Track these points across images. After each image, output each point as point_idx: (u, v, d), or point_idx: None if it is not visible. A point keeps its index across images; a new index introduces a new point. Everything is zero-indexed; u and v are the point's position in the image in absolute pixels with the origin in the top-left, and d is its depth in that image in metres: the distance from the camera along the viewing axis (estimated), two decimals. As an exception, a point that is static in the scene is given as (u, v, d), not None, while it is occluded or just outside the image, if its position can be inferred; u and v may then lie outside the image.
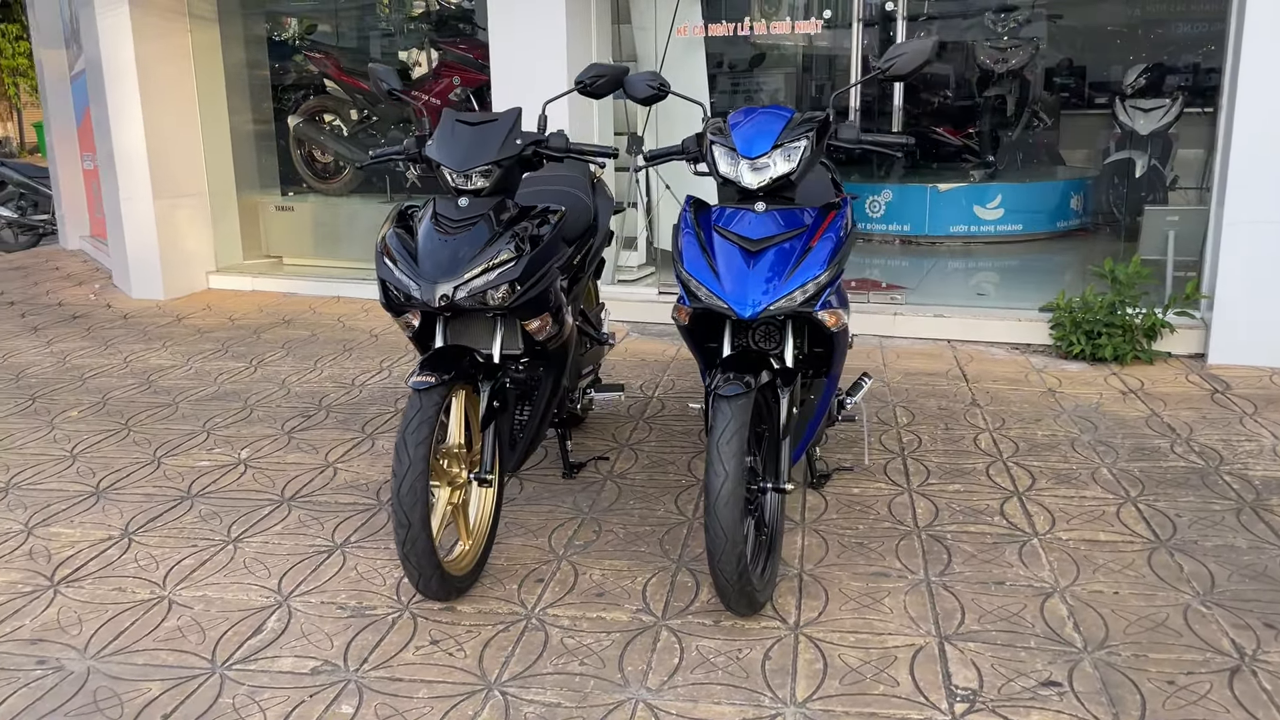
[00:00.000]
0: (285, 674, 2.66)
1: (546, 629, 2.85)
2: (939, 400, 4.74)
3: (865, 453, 4.05)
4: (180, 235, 7.32)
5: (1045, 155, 9.47)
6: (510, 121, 3.10)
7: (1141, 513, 3.50)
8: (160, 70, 7.02)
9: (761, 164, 2.90)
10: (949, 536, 3.36)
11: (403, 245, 2.93)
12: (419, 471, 2.68)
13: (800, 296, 2.78)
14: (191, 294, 7.45)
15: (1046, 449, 4.10)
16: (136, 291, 7.33)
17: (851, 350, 5.51)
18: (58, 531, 3.50)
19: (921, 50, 3.01)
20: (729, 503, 2.58)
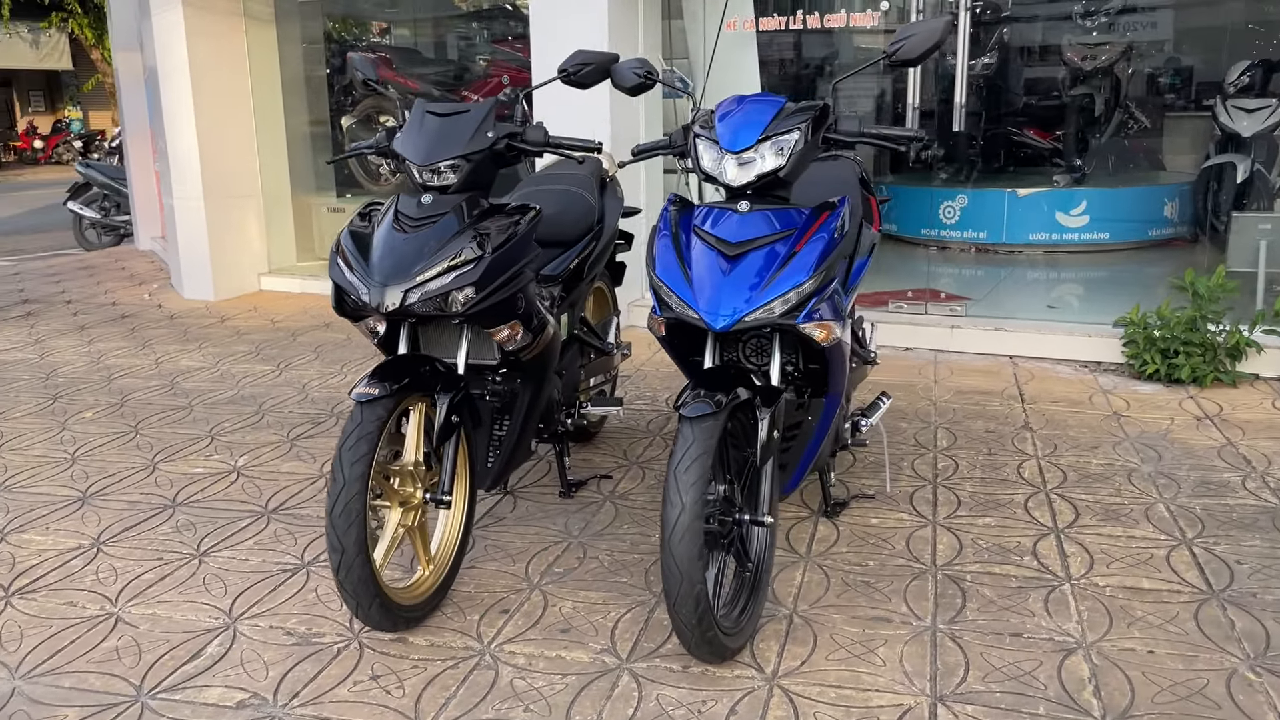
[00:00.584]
0: (208, 706, 2.46)
1: (499, 667, 2.60)
2: (987, 422, 4.35)
3: (888, 479, 3.69)
4: (232, 236, 7.29)
5: (1142, 159, 8.89)
6: (482, 113, 2.86)
7: (1196, 558, 3.09)
8: (214, 71, 7.00)
9: (747, 158, 2.60)
10: (968, 578, 3.00)
11: (357, 245, 2.72)
12: (354, 492, 2.46)
13: (780, 307, 2.47)
14: (242, 295, 7.43)
15: (1098, 480, 3.69)
16: (188, 292, 7.34)
17: (900, 365, 5.15)
18: (30, 539, 3.38)
19: (933, 31, 2.67)
20: (684, 538, 2.29)
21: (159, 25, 6.85)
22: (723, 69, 6.14)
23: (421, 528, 2.82)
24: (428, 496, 2.74)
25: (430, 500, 2.74)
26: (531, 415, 3.10)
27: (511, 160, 2.94)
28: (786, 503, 3.53)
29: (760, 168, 2.59)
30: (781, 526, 3.36)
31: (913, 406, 4.56)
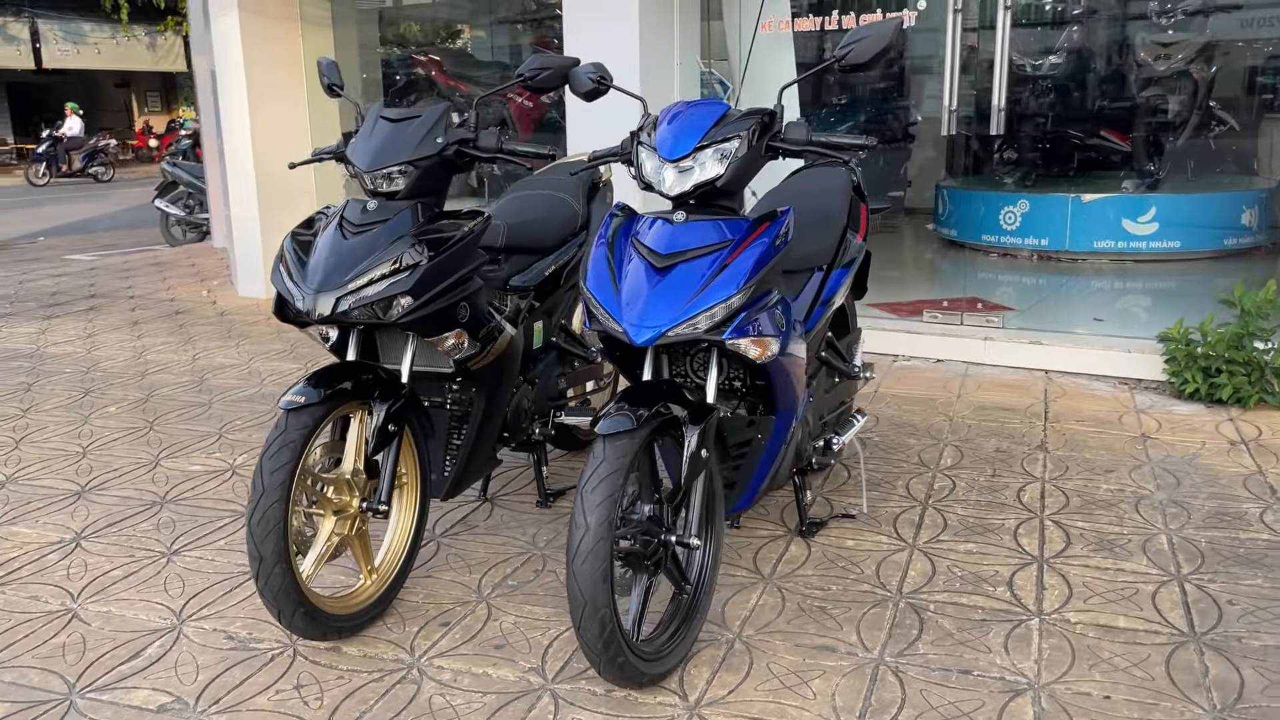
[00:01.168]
0: (130, 709, 2.48)
1: (423, 682, 2.56)
2: (1001, 441, 4.15)
3: (863, 500, 3.55)
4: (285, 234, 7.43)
5: (1230, 163, 8.44)
6: (433, 119, 2.82)
7: (1185, 596, 2.88)
8: (269, 73, 7.15)
9: (685, 166, 2.51)
10: (932, 608, 2.85)
11: (298, 251, 2.71)
12: (273, 500, 2.44)
13: (706, 322, 2.37)
14: (293, 293, 7.57)
15: (1102, 507, 3.48)
16: (242, 289, 7.51)
17: (926, 378, 4.96)
18: (18, 531, 3.48)
19: (883, 34, 2.54)
20: (587, 560, 2.21)
21: (217, 29, 7.03)
22: (760, 70, 6.00)
23: (362, 537, 2.80)
24: (364, 506, 2.72)
25: (366, 510, 2.72)
26: (487, 425, 3.06)
27: (464, 168, 2.90)
28: (762, 520, 3.42)
29: (698, 176, 2.50)
30: (751, 545, 3.25)
31: (926, 422, 4.39)
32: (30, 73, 27.09)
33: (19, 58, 25.71)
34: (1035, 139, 8.15)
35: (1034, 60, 8.06)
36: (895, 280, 6.94)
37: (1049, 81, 8.07)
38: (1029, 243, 7.51)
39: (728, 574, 3.07)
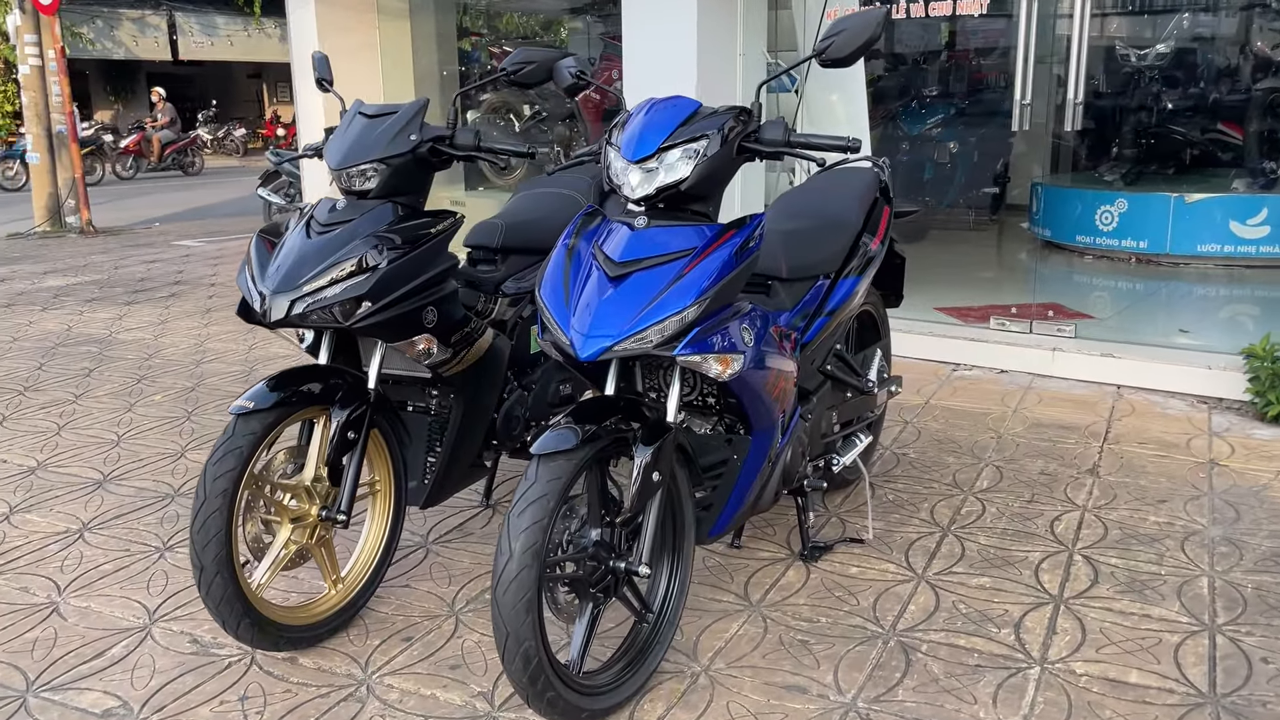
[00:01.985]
0: (77, 711, 2.46)
1: (368, 701, 2.47)
2: (1048, 463, 3.85)
3: (869, 524, 3.31)
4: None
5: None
6: (408, 115, 2.72)
7: (1214, 649, 2.59)
8: (344, 65, 7.16)
9: (650, 167, 2.34)
10: (924, 648, 2.63)
11: (262, 251, 2.64)
12: (215, 509, 2.38)
13: (655, 336, 2.20)
14: (365, 284, 7.63)
15: (1144, 542, 3.18)
16: (316, 279, 7.60)
17: (983, 390, 4.67)
18: (30, 519, 3.53)
19: (865, 25, 2.33)
20: (510, 589, 2.08)
21: (294, 21, 7.11)
22: (827, 62, 5.75)
23: (326, 545, 2.73)
24: (324, 514, 2.64)
25: (325, 518, 2.64)
26: (467, 433, 2.95)
27: (442, 165, 2.79)
28: (765, 541, 3.23)
29: (662, 179, 2.33)
30: (746, 569, 3.07)
31: (972, 439, 4.11)
32: (168, 64, 28.29)
33: (157, 49, 26.87)
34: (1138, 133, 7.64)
35: (1139, 50, 7.55)
36: (971, 282, 6.60)
37: (1155, 72, 7.55)
38: (1126, 245, 7.05)
39: (713, 599, 2.90)
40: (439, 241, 2.67)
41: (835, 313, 2.97)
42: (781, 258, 2.85)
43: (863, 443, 3.15)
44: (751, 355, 2.36)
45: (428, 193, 2.83)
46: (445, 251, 2.71)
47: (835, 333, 3.03)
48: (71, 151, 12.01)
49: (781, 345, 2.62)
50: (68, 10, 24.04)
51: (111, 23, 26.04)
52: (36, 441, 4.30)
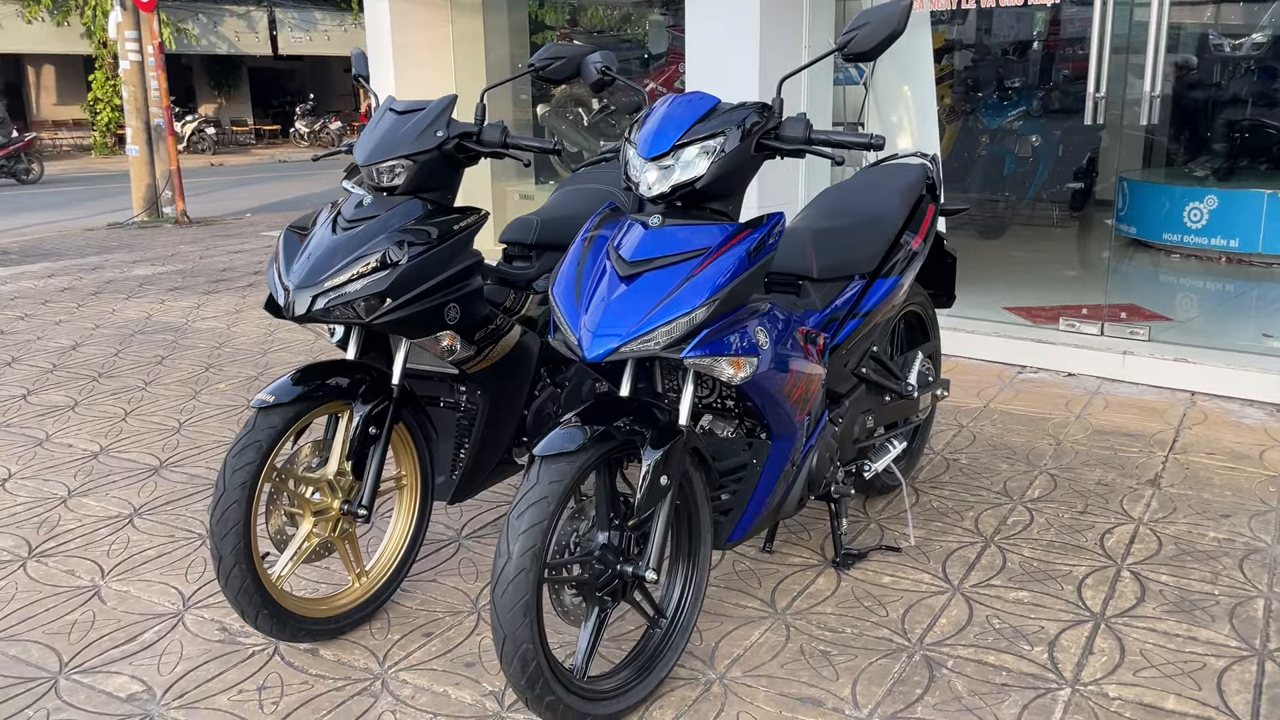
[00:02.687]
0: (100, 694, 2.52)
1: (381, 697, 2.48)
2: (1106, 472, 3.69)
3: (910, 532, 3.21)
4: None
5: None
6: (436, 111, 2.72)
7: (1262, 677, 2.45)
8: (417, 59, 7.28)
9: (666, 165, 2.30)
10: (950, 663, 2.54)
11: (290, 245, 2.67)
12: (233, 501, 2.42)
13: (663, 338, 2.16)
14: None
15: (1200, 559, 3.03)
16: (388, 271, 7.71)
17: (1047, 394, 4.51)
18: (85, 503, 3.64)
19: (889, 18, 2.24)
20: (508, 591, 2.06)
21: (370, 14, 7.21)
22: (895, 53, 5.61)
23: (350, 539, 2.75)
24: (345, 508, 2.66)
25: (347, 512, 2.66)
26: (493, 430, 2.94)
27: (469, 161, 2.79)
28: (800, 547, 3.16)
29: (678, 176, 2.28)
30: (776, 575, 3.01)
31: (1029, 445, 3.97)
32: (268, 59, 29.08)
33: (258, 44, 27.63)
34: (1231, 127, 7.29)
35: (1233, 39, 7.20)
36: (1046, 282, 6.38)
37: (1250, 63, 7.19)
38: (1215, 244, 6.75)
39: (737, 604, 2.85)
40: (462, 238, 2.67)
41: (870, 314, 2.88)
42: (813, 257, 2.77)
43: (896, 448, 3.06)
44: (767, 358, 2.30)
45: (457, 188, 2.82)
46: (469, 248, 2.70)
47: (871, 335, 2.94)
48: (168, 144, 12.41)
49: (807, 348, 2.55)
50: (174, 7, 24.91)
51: (215, 19, 26.84)
52: (102, 427, 4.44)
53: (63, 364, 5.49)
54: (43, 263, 9.13)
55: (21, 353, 5.74)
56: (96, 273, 8.39)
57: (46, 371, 5.35)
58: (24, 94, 26.37)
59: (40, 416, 4.61)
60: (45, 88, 26.85)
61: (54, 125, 26.56)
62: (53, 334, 6.19)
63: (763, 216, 2.33)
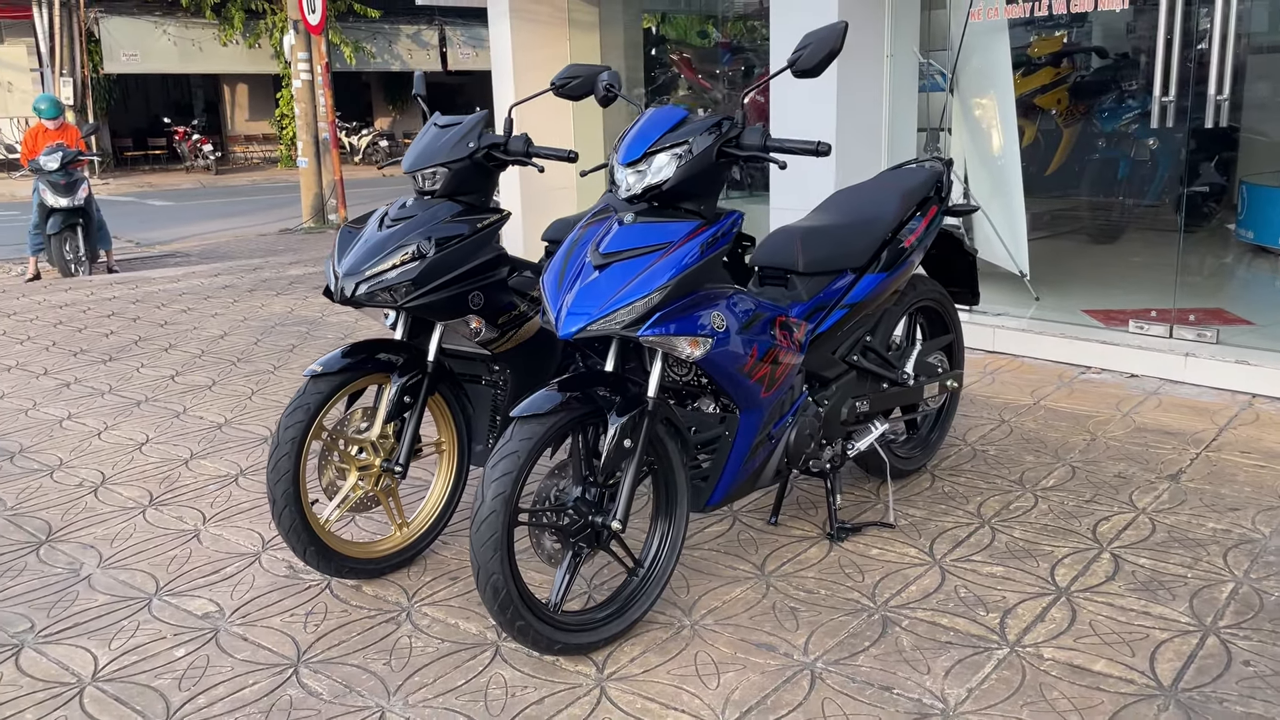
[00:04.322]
0: (184, 611, 3.03)
1: (402, 625, 2.91)
2: (1130, 465, 3.80)
3: (890, 511, 3.43)
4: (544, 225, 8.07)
5: None
6: (469, 125, 3.14)
7: (1199, 649, 2.60)
8: (536, 76, 7.78)
9: (640, 170, 2.64)
10: (904, 623, 2.78)
11: (345, 240, 3.13)
12: (284, 454, 2.89)
13: (625, 318, 2.50)
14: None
15: (1187, 546, 3.15)
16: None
17: (1104, 393, 4.60)
18: (202, 464, 4.24)
19: (828, 38, 2.53)
20: (481, 529, 2.45)
21: (493, 35, 7.77)
22: (974, 61, 5.75)
23: (392, 494, 3.19)
24: (384, 465, 3.11)
25: (386, 470, 3.11)
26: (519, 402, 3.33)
27: (499, 168, 3.19)
28: (803, 520, 3.43)
29: (649, 180, 2.62)
30: (773, 543, 3.29)
31: (1064, 439, 4.10)
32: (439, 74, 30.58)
33: (429, 61, 29.10)
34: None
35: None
36: (1137, 285, 6.34)
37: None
38: (1331, 247, 6.54)
39: (730, 566, 3.15)
40: (483, 235, 3.08)
41: (858, 306, 3.14)
42: (799, 253, 3.06)
43: (877, 430, 3.28)
44: (723, 339, 2.61)
45: (492, 191, 3.24)
46: (491, 244, 3.11)
47: (861, 325, 3.20)
48: (333, 156, 13.43)
49: (781, 334, 2.84)
50: (352, 27, 26.56)
51: (391, 38, 28.42)
52: (231, 403, 5.07)
53: (210, 350, 6.22)
54: (214, 263, 10.12)
55: (178, 340, 6.52)
56: (256, 272, 9.28)
57: (195, 356, 6.08)
58: (220, 110, 28.58)
59: (182, 393, 5.29)
60: (239, 105, 29.02)
61: (245, 139, 28.66)
62: (207, 325, 6.98)
63: (721, 213, 2.65)
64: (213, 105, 28.98)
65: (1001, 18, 5.46)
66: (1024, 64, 8.20)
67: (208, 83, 28.52)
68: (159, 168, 25.70)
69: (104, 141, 24.89)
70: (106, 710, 2.56)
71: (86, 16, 24.23)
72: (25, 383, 5.64)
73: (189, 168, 25.14)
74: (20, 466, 4.31)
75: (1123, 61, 8.43)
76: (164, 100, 28.32)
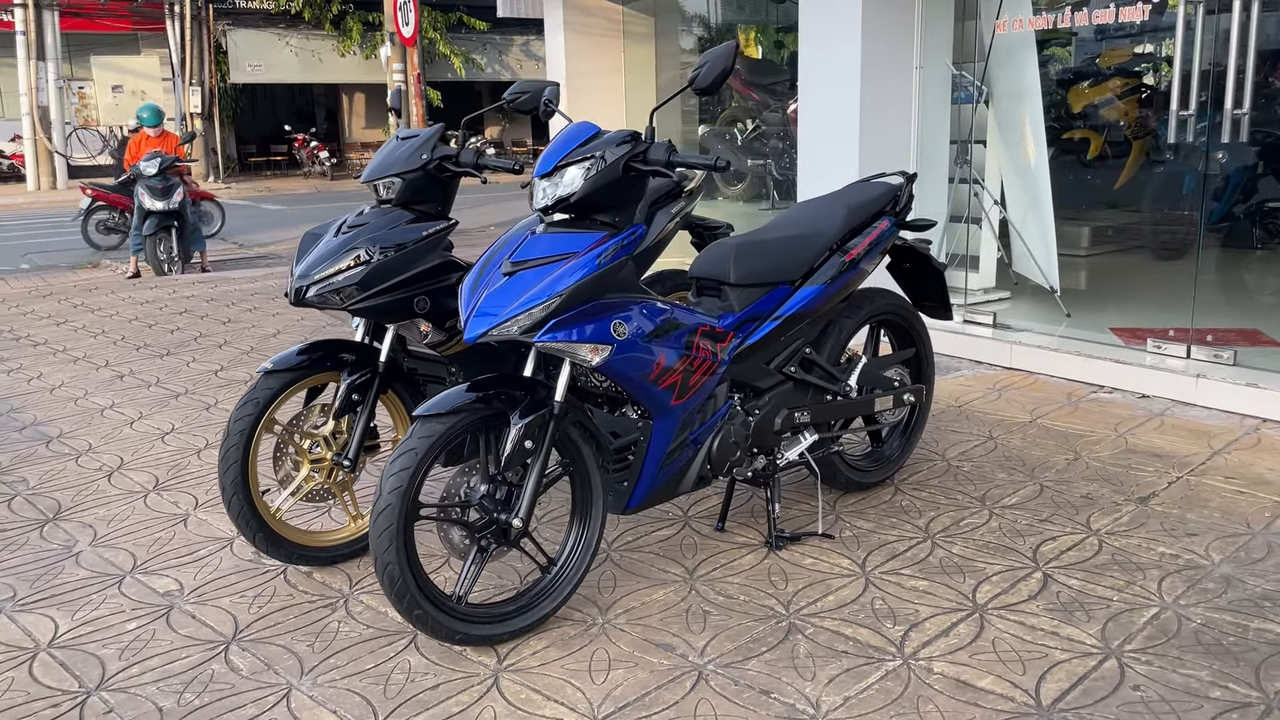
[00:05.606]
0: (147, 589, 3.26)
1: (337, 610, 3.07)
2: (1101, 486, 3.73)
3: (819, 522, 3.44)
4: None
5: None
6: (425, 138, 3.30)
7: (1094, 671, 2.57)
8: (590, 85, 7.95)
9: (553, 182, 2.75)
10: (808, 631, 2.82)
11: (305, 246, 3.32)
12: (233, 444, 3.09)
13: (524, 323, 2.61)
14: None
15: (1126, 570, 3.09)
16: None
17: (1105, 413, 4.51)
18: (213, 454, 4.48)
19: (720, 57, 2.60)
20: (378, 521, 2.58)
21: (549, 44, 7.98)
22: (1004, 73, 5.67)
23: (345, 487, 3.37)
24: (335, 459, 3.29)
25: (337, 463, 3.28)
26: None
27: (452, 179, 3.34)
28: (748, 529, 3.48)
29: (558, 192, 2.73)
30: (711, 548, 3.35)
31: (1042, 459, 4.03)
32: (548, 83, 31.20)
33: (538, 70, 29.70)
34: None
35: None
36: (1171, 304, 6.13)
37: None
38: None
39: (662, 569, 3.22)
40: (429, 242, 3.22)
41: (790, 318, 3.18)
42: (730, 265, 3.12)
43: (806, 441, 3.30)
44: (624, 347, 2.70)
45: (447, 202, 3.39)
46: (435, 251, 3.25)
47: (797, 336, 3.23)
48: (422, 163, 13.86)
49: (700, 343, 2.91)
50: (463, 39, 27.29)
51: (501, 49, 29.12)
52: (260, 398, 5.35)
53: (259, 348, 6.55)
54: (296, 266, 10.58)
55: (233, 338, 6.89)
56: (329, 275, 9.66)
57: (244, 353, 6.42)
58: (338, 118, 29.70)
59: (220, 388, 5.60)
60: (356, 113, 30.11)
61: (361, 146, 29.70)
62: (266, 324, 7.34)
63: (624, 225, 2.74)
64: (332, 114, 30.13)
65: (1027, 29, 5.38)
66: (1092, 75, 8.01)
67: (329, 92, 29.68)
68: (279, 173, 26.84)
69: (229, 147, 26.19)
70: (50, 673, 2.79)
71: (215, 29, 25.54)
72: (85, 374, 6.05)
73: (307, 173, 26.17)
74: (53, 450, 4.65)
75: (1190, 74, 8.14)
76: (289, 108, 29.57)
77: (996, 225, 6.11)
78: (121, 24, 26.30)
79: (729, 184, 8.26)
